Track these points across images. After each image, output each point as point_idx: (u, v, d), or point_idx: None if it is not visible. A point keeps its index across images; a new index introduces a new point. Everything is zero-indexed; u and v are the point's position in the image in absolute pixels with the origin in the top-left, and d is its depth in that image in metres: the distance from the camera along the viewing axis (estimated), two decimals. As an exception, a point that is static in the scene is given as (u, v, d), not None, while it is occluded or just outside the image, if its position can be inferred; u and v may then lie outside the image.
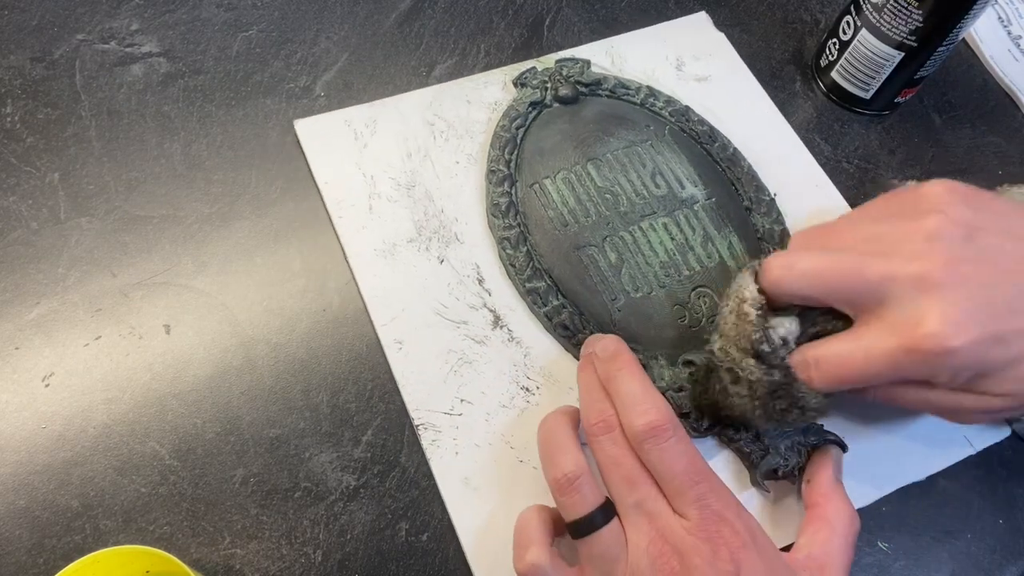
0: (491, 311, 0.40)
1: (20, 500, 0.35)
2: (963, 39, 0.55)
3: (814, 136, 0.49)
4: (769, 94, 0.50)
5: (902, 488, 0.39)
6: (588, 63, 0.48)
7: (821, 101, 0.51)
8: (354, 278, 0.40)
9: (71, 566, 0.28)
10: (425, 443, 0.37)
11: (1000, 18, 0.57)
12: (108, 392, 0.37)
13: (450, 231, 0.42)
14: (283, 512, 0.35)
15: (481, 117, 0.46)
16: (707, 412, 0.37)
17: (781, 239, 0.43)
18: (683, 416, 0.37)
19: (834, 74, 0.50)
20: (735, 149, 0.46)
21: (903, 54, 0.46)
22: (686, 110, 0.47)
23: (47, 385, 0.37)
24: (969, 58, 0.55)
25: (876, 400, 0.34)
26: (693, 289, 0.41)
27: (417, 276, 0.41)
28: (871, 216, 0.34)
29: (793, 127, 0.49)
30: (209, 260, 0.41)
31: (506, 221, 0.41)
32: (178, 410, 0.37)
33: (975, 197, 0.33)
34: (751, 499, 0.37)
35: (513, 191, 0.42)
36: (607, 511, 0.31)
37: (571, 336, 0.39)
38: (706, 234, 0.42)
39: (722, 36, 0.51)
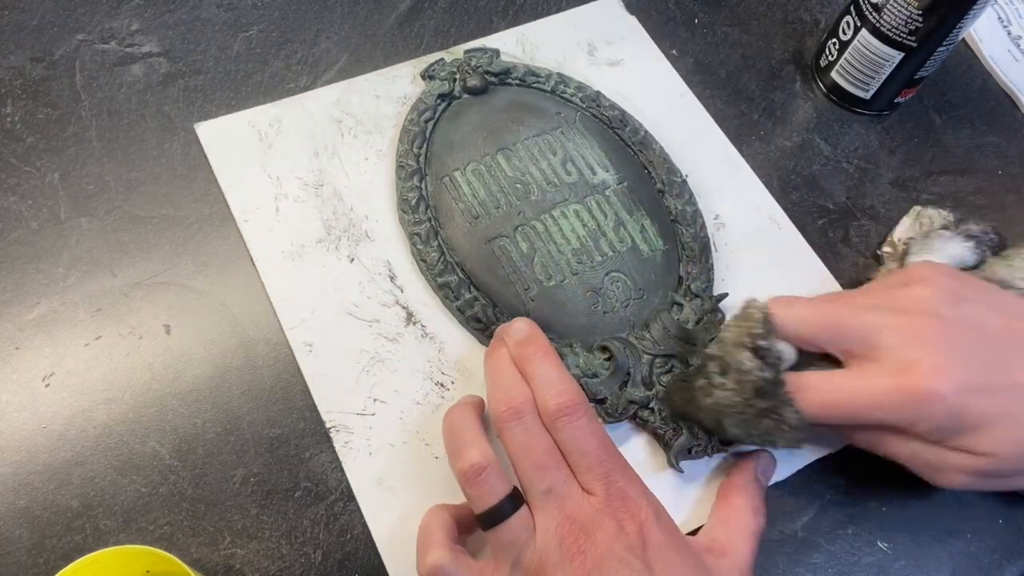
0: (404, 308, 0.40)
1: (20, 500, 0.35)
2: (963, 39, 0.55)
3: (814, 136, 0.49)
4: (768, 94, 0.50)
5: (902, 488, 0.39)
6: (497, 52, 0.47)
7: (821, 101, 0.51)
8: (261, 281, 0.40)
9: (71, 566, 0.28)
10: (338, 446, 0.37)
11: (1000, 18, 0.57)
12: (108, 392, 0.37)
13: (360, 229, 0.42)
14: (283, 512, 0.35)
15: (391, 111, 0.45)
16: (679, 408, 0.37)
17: (693, 220, 0.44)
18: (598, 402, 0.37)
19: (834, 74, 0.50)
20: (646, 132, 0.46)
21: (903, 54, 0.46)
22: (597, 95, 0.47)
23: (47, 385, 0.37)
24: (969, 58, 0.55)
25: (858, 445, 0.35)
26: (606, 274, 0.41)
27: (327, 276, 0.40)
28: (864, 290, 0.38)
29: (793, 127, 0.49)
30: (209, 260, 0.41)
31: (416, 216, 0.41)
32: (178, 410, 0.37)
33: (960, 275, 0.36)
34: (663, 484, 0.37)
35: (423, 185, 0.42)
36: (515, 500, 0.32)
37: (484, 328, 0.39)
38: (618, 219, 0.42)
39: (634, 20, 0.51)
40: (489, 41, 0.49)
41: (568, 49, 0.49)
